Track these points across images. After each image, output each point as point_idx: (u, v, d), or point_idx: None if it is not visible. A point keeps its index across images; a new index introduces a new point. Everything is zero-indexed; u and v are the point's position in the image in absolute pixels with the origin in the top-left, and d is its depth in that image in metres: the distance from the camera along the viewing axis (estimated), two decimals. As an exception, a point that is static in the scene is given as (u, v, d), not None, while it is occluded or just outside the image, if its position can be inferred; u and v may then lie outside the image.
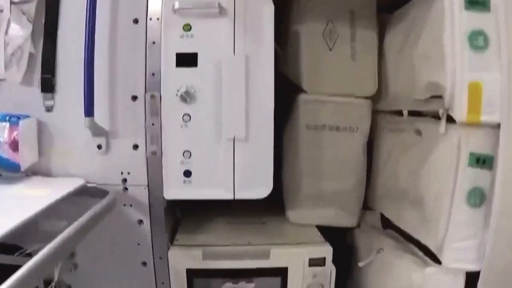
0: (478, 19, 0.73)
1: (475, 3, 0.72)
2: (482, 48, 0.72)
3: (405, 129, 0.93)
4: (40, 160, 0.90)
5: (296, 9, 0.99)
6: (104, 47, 0.87)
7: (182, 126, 0.85)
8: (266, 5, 0.84)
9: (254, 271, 0.92)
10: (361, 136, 0.99)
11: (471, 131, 0.73)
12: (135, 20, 0.87)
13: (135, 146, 0.89)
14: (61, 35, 0.89)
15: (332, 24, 0.97)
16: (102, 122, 0.86)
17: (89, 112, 0.82)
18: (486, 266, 0.74)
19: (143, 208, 0.90)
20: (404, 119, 0.92)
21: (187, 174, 0.87)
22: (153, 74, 0.86)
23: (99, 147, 0.88)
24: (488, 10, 0.72)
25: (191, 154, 0.86)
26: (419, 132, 0.87)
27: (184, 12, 0.84)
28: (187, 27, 0.85)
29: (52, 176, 0.90)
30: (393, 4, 1.00)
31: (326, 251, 0.93)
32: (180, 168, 0.86)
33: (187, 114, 0.85)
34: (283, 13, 1.02)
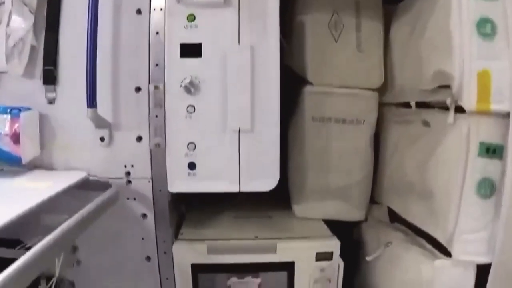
0: (485, 7, 0.71)
1: (482, -9, 0.71)
2: (490, 36, 0.71)
3: (412, 120, 0.92)
4: (42, 153, 0.88)
5: (301, -1, 0.98)
6: (107, 38, 0.86)
7: (186, 117, 0.84)
8: (270, -6, 0.83)
9: (260, 265, 0.90)
10: (368, 129, 0.98)
11: (480, 120, 0.72)
12: (138, 11, 0.86)
13: (139, 138, 0.87)
14: (63, 26, 0.87)
15: (338, 15, 0.96)
16: (105, 114, 0.85)
17: (91, 103, 0.80)
18: (497, 258, 0.73)
19: (147, 201, 0.88)
20: (412, 110, 0.91)
21: (192, 166, 0.85)
22: (156, 65, 0.85)
23: (102, 139, 0.87)
24: (495, -2, 0.71)
25: (195, 146, 0.85)
26: (427, 123, 0.86)
27: (188, 2, 0.82)
28: (191, 17, 0.83)
29: (54, 169, 0.89)
30: (398, -5, 0.99)
31: (333, 245, 0.91)
32: (184, 160, 0.85)
33: (192, 105, 0.84)
34: (287, 4, 1.01)
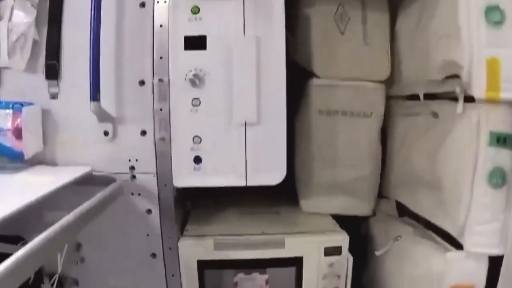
0: (493, -6, 0.70)
1: (489, -22, 0.70)
2: (498, 24, 0.70)
3: (420, 112, 0.91)
4: (44, 149, 0.87)
5: (306, -9, 0.97)
6: (111, 31, 0.85)
7: (191, 110, 0.83)
8: (276, -15, 0.82)
9: (267, 261, 0.88)
10: (375, 121, 0.96)
11: (490, 109, 0.70)
12: (142, 4, 0.85)
13: (143, 132, 0.86)
14: (66, 20, 0.87)
15: (343, 7, 0.94)
16: (108, 108, 0.84)
17: (95, 96, 0.79)
18: (509, 250, 0.71)
19: (152, 197, 0.87)
20: (420, 102, 0.89)
21: (197, 160, 0.84)
22: (161, 58, 0.84)
23: (106, 133, 0.86)
24: (503, -16, 0.70)
25: (201, 140, 0.83)
26: (436, 114, 0.85)
27: (192, -6, 0.81)
28: (195, 10, 0.82)
29: (57, 165, 0.88)
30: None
31: (342, 239, 0.89)
32: (190, 154, 0.83)
33: (197, 98, 0.83)
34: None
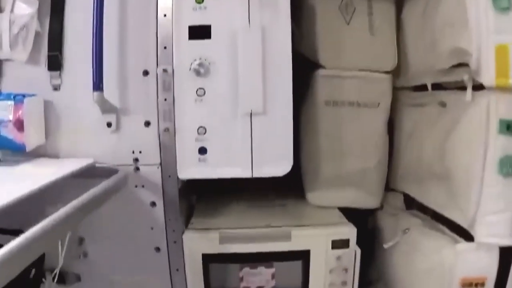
0: (500, -21, 0.69)
1: (496, -38, 0.69)
2: (506, 10, 0.69)
3: (427, 103, 0.89)
4: (46, 141, 0.86)
5: (311, -18, 0.96)
6: (114, 21, 0.83)
7: (196, 100, 0.82)
8: (281, -27, 0.81)
9: (274, 254, 0.87)
10: (382, 112, 0.95)
11: (499, 96, 0.69)
12: (146, -7, 0.84)
13: (147, 123, 0.85)
14: (68, 11, 0.86)
15: (348, -3, 0.94)
16: (112, 98, 0.83)
17: (98, 86, 0.78)
18: (522, 240, 0.70)
19: (156, 189, 0.85)
20: (427, 93, 0.88)
21: (202, 151, 0.82)
22: (165, 48, 0.82)
23: (109, 125, 0.84)
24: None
25: (206, 130, 0.82)
26: (444, 104, 0.83)
27: (196, -17, 0.80)
28: (200, -1, 0.81)
29: (60, 158, 0.86)
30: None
31: (349, 232, 0.88)
32: (194, 145, 0.82)
33: (201, 88, 0.81)
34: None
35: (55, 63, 0.85)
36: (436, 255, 0.79)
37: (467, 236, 0.75)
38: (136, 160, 0.85)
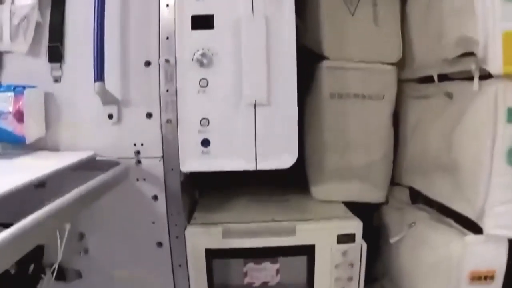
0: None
1: None
2: (513, -4, 0.68)
3: (433, 94, 0.88)
4: (47, 134, 0.84)
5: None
6: (115, 11, 0.83)
7: (199, 91, 0.80)
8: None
9: (278, 249, 0.85)
10: (388, 104, 0.94)
11: (508, 84, 0.68)
12: (148, -17, 0.83)
13: (149, 115, 0.83)
14: (69, 1, 0.85)
15: (353, -12, 0.93)
16: (113, 89, 0.81)
17: (99, 77, 0.77)
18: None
19: (158, 182, 0.84)
20: (433, 84, 0.87)
21: (205, 143, 0.81)
22: (167, 38, 0.81)
23: (110, 117, 0.83)
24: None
25: (209, 122, 0.80)
26: (450, 95, 0.82)
27: (198, -28, 0.79)
28: (202, -12, 0.80)
29: (60, 151, 0.84)
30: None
31: (355, 226, 0.86)
32: (197, 137, 0.81)
33: (204, 79, 0.80)
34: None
35: (56, 55, 0.84)
36: (443, 249, 0.77)
37: (474, 229, 0.74)
38: (137, 152, 0.84)
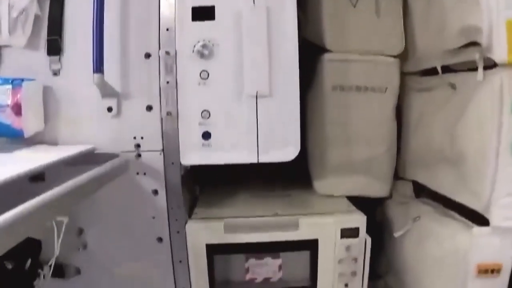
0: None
1: None
2: (516, -16, 0.67)
3: (436, 86, 0.87)
4: (45, 128, 0.83)
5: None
6: (115, 3, 0.81)
7: (199, 83, 0.79)
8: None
9: (281, 244, 0.83)
10: (390, 97, 0.93)
11: (512, 74, 0.67)
12: (147, -27, 0.82)
13: (149, 108, 0.82)
14: (68, -6, 0.84)
15: (354, -21, 0.92)
16: (112, 82, 0.80)
17: (98, 68, 0.75)
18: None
19: (158, 176, 0.82)
20: (436, 76, 0.86)
21: (206, 136, 0.79)
22: (167, 30, 0.80)
23: (110, 109, 0.82)
24: None
25: (210, 114, 0.79)
26: (453, 86, 0.81)
27: (199, -38, 0.78)
28: (203, -22, 0.79)
29: (59, 145, 0.83)
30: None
31: (359, 220, 0.84)
32: (198, 129, 0.79)
33: (205, 71, 0.79)
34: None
35: (54, 48, 0.83)
36: (449, 242, 0.76)
37: (479, 222, 0.72)
38: (137, 146, 0.82)
